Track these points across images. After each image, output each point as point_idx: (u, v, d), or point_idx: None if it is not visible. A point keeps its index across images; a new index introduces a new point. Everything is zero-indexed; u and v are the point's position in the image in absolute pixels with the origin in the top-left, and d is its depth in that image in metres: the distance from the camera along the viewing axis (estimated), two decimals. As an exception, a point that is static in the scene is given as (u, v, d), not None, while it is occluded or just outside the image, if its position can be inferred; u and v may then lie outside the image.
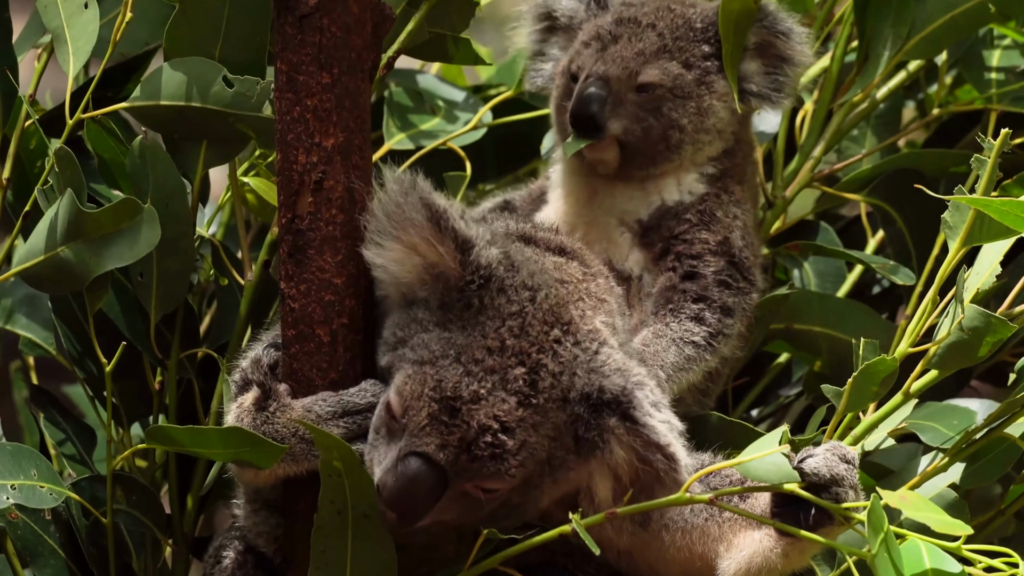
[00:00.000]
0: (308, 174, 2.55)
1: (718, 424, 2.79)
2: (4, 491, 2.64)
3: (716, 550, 2.56)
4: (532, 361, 2.45)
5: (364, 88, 2.59)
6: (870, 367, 2.45)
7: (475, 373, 2.43)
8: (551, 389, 2.45)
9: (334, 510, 2.48)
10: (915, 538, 2.30)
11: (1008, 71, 3.16)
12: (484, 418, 2.43)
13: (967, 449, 2.59)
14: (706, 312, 2.80)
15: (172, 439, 2.59)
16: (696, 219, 2.85)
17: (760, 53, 2.87)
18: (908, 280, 2.95)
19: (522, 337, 2.45)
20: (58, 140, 2.72)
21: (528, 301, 2.47)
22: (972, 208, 2.46)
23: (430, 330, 2.47)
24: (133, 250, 2.63)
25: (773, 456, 2.38)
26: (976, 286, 2.47)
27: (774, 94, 2.87)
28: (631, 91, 2.81)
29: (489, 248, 2.47)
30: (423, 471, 2.43)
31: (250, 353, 2.61)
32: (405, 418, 2.45)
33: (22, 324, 3.08)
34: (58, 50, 2.74)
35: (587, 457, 2.48)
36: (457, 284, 2.47)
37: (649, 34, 2.83)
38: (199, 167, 2.77)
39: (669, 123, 2.82)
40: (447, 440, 2.43)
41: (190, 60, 2.70)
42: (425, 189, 2.46)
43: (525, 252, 2.57)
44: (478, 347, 2.44)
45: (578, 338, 2.48)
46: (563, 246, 2.65)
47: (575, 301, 2.53)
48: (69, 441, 2.94)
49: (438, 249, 2.46)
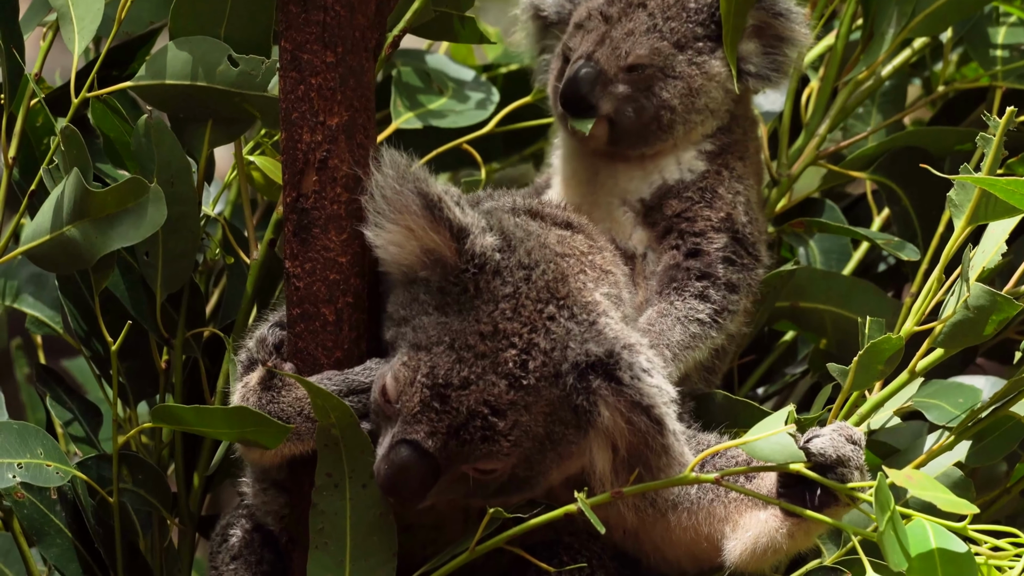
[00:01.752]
0: (312, 153, 2.53)
1: (723, 403, 2.76)
2: (11, 469, 2.63)
3: (722, 530, 2.54)
4: (524, 341, 2.43)
5: (368, 67, 2.57)
6: (876, 345, 2.43)
7: (466, 359, 2.42)
8: (543, 367, 2.43)
9: (331, 483, 2.48)
10: (921, 518, 2.28)
11: (1013, 48, 3.12)
12: (474, 403, 2.42)
13: (973, 427, 2.56)
14: (711, 289, 2.77)
15: (178, 418, 2.58)
16: (698, 196, 2.82)
17: (758, 34, 2.83)
18: (913, 256, 2.92)
19: (514, 318, 2.44)
20: (63, 119, 2.70)
21: (523, 281, 2.45)
22: (977, 187, 2.43)
23: (430, 313, 2.45)
24: (139, 230, 2.61)
25: (779, 436, 2.35)
26: (982, 265, 2.44)
27: (773, 74, 2.83)
28: (621, 71, 2.78)
29: (484, 235, 2.45)
30: (413, 459, 2.42)
31: (256, 332, 2.60)
32: (399, 403, 2.44)
33: (29, 303, 3.07)
34: (63, 29, 2.72)
35: (584, 427, 2.45)
36: (453, 270, 2.45)
37: (640, 14, 2.79)
38: (204, 146, 2.75)
39: (660, 103, 2.79)
40: (436, 427, 2.42)
41: (195, 39, 2.68)
42: (420, 176, 2.44)
43: (529, 226, 2.55)
44: (471, 332, 2.43)
45: (574, 311, 2.46)
46: (570, 220, 2.64)
47: (575, 274, 2.51)
48: (75, 420, 2.93)
49: (434, 237, 2.44)
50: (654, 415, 2.40)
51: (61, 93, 2.81)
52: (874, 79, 3.09)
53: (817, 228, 3.08)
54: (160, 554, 2.86)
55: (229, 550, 2.67)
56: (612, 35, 2.78)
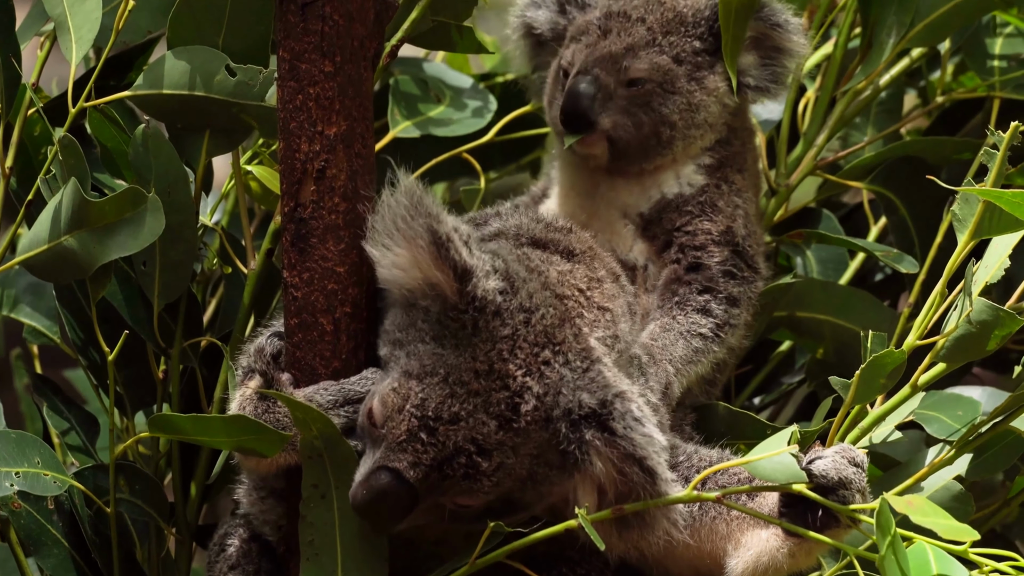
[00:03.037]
0: (311, 162, 2.51)
1: (725, 415, 2.75)
2: (8, 478, 2.60)
3: (724, 548, 2.52)
4: (517, 384, 2.41)
5: (367, 76, 2.55)
6: (878, 359, 2.41)
7: (459, 395, 2.40)
8: (534, 412, 2.41)
9: (317, 494, 2.46)
10: (922, 541, 2.26)
11: (1011, 59, 3.11)
12: (461, 440, 2.40)
13: (973, 442, 2.54)
14: (712, 303, 2.75)
15: (175, 427, 2.55)
16: (698, 210, 2.79)
17: (756, 45, 2.80)
18: (912, 268, 2.90)
19: (510, 360, 2.42)
20: (61, 129, 2.67)
21: (522, 324, 2.44)
22: (981, 201, 2.40)
23: (426, 342, 2.43)
24: (137, 240, 2.58)
25: (782, 456, 2.33)
26: (985, 279, 2.42)
27: (772, 86, 2.81)
28: (621, 86, 2.75)
29: (488, 279, 2.42)
30: (392, 486, 2.40)
31: (254, 341, 2.57)
32: (384, 428, 2.42)
33: (26, 313, 3.05)
34: (60, 38, 2.70)
35: (571, 471, 2.44)
36: (454, 308, 2.43)
37: (639, 28, 2.77)
38: (202, 156, 2.72)
39: (659, 118, 2.76)
40: (420, 459, 2.40)
41: (193, 49, 2.66)
42: (433, 211, 2.41)
43: (532, 260, 2.53)
44: (466, 369, 2.41)
45: (568, 357, 2.44)
46: (572, 249, 2.61)
47: (573, 318, 2.49)
48: (72, 430, 2.90)
49: (437, 274, 2.42)
50: (646, 466, 2.38)
51: (58, 102, 2.78)
52: (872, 89, 3.07)
53: (816, 239, 3.06)
54: (157, 564, 2.84)
55: (227, 560, 2.65)
56: (611, 50, 2.75)
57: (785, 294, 2.91)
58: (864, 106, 3.10)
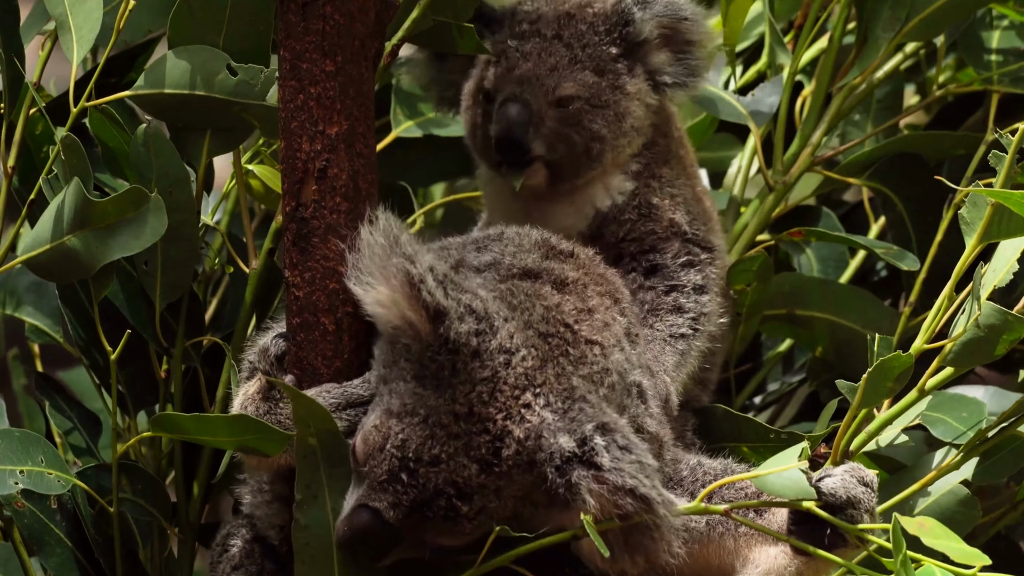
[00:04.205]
0: (312, 162, 2.50)
1: (725, 418, 2.74)
2: (12, 476, 2.59)
3: (732, 563, 2.50)
4: (498, 428, 2.38)
5: (368, 76, 2.53)
6: (885, 363, 2.38)
7: (439, 437, 2.37)
8: (516, 456, 2.38)
9: (311, 496, 2.43)
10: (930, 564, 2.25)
11: (1008, 52, 3.08)
12: (441, 483, 2.37)
13: (980, 447, 2.53)
14: (681, 299, 2.73)
15: (178, 427, 2.54)
16: (635, 215, 2.77)
17: (667, 42, 2.77)
18: (913, 266, 2.89)
19: (490, 403, 2.38)
20: (63, 128, 2.65)
21: (502, 366, 2.40)
22: (990, 204, 2.38)
23: (408, 381, 2.40)
24: (140, 239, 2.57)
25: (791, 472, 2.31)
26: (993, 283, 2.39)
27: (689, 79, 2.78)
28: (550, 108, 2.70)
29: (461, 322, 2.38)
30: (373, 526, 2.39)
31: (258, 342, 2.55)
32: (366, 467, 2.40)
33: (29, 312, 3.03)
34: (62, 37, 2.68)
35: (561, 510, 2.40)
36: (430, 348, 2.39)
37: (557, 46, 2.72)
38: (203, 156, 2.71)
39: (590, 135, 2.72)
40: (400, 500, 2.38)
41: (194, 48, 2.64)
42: (409, 250, 2.37)
43: (517, 296, 2.48)
44: (446, 411, 2.38)
45: (550, 399, 2.40)
46: (564, 279, 2.54)
47: (555, 358, 2.44)
48: (75, 429, 2.89)
49: (411, 315, 2.38)
50: (640, 494, 2.34)
51: (60, 102, 2.77)
52: (867, 84, 3.05)
53: (815, 237, 3.03)
54: (160, 563, 2.83)
55: (230, 560, 2.64)
56: (536, 72, 2.71)
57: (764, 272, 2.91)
58: (860, 102, 3.09)
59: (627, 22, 2.74)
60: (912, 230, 3.04)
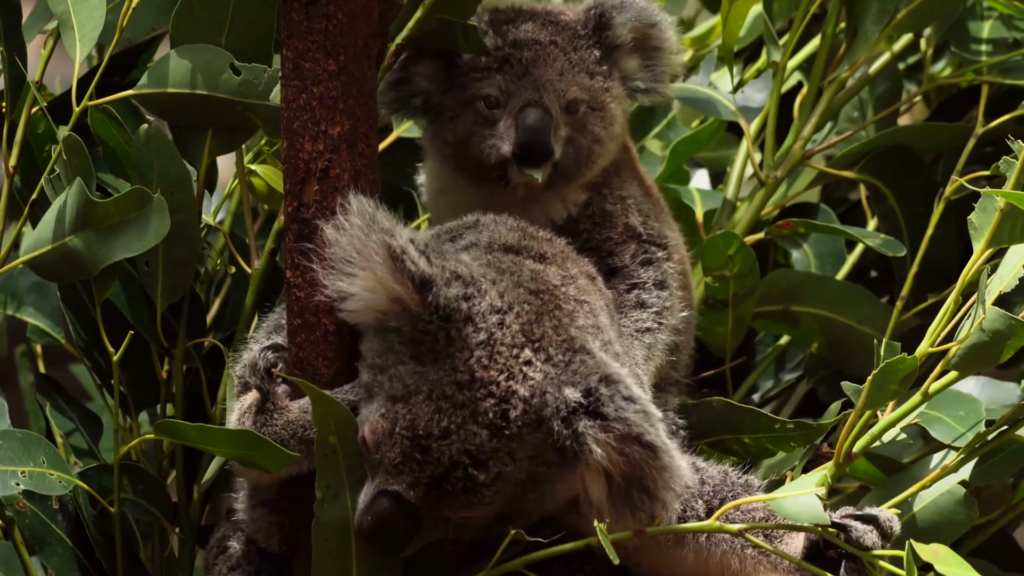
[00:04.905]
0: (314, 162, 2.49)
1: (724, 410, 2.73)
2: (14, 477, 2.58)
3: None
4: (502, 390, 2.37)
5: (370, 76, 2.52)
6: (890, 366, 2.37)
7: (445, 409, 2.37)
8: (524, 415, 2.38)
9: (331, 494, 2.42)
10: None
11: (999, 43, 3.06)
12: (455, 454, 2.36)
13: (979, 449, 2.51)
14: (643, 295, 2.72)
15: (181, 434, 2.53)
16: (590, 224, 2.77)
17: (636, 48, 2.77)
18: (899, 251, 2.88)
19: (491, 366, 2.38)
20: (64, 128, 2.64)
21: (496, 326, 2.39)
22: (998, 210, 2.36)
23: (405, 362, 2.39)
24: (142, 240, 2.56)
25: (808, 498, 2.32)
26: (999, 288, 2.37)
27: (658, 86, 2.79)
28: (562, 112, 2.71)
29: (448, 287, 2.38)
30: (394, 510, 2.38)
31: (244, 356, 2.54)
32: (379, 454, 2.39)
33: (30, 312, 3.01)
34: (64, 36, 2.66)
35: (573, 463, 2.40)
36: (421, 321, 2.39)
37: (555, 51, 2.72)
38: (205, 155, 2.69)
39: (593, 138, 2.73)
40: (417, 478, 2.37)
41: (197, 47, 2.62)
42: (386, 225, 2.37)
43: (502, 264, 2.49)
44: (448, 382, 2.37)
45: (550, 353, 2.41)
46: (544, 253, 2.56)
47: (550, 311, 2.45)
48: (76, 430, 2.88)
49: (397, 288, 2.38)
50: (645, 441, 2.34)
51: (62, 101, 2.75)
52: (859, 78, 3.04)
53: (803, 227, 3.02)
54: (160, 564, 2.82)
55: (227, 560, 2.63)
56: (547, 77, 2.71)
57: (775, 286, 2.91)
58: (852, 95, 3.07)
59: (607, 26, 2.75)
60: (903, 223, 3.04)
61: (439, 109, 2.76)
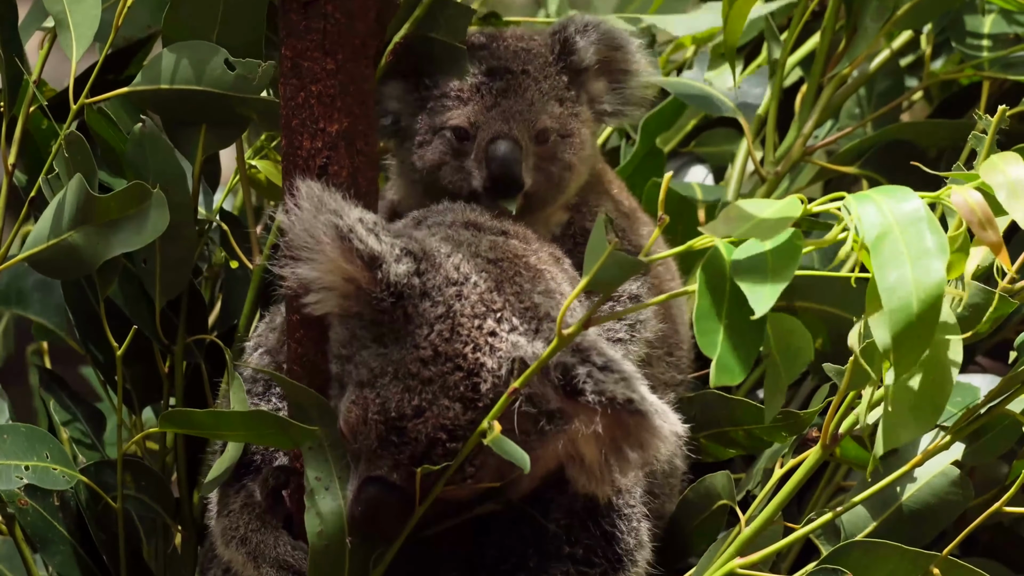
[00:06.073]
0: (313, 159, 2.49)
1: (717, 402, 2.73)
2: (17, 471, 2.58)
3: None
4: (469, 363, 2.34)
5: (368, 74, 2.52)
6: (872, 344, 2.34)
7: (413, 387, 2.33)
8: (495, 388, 2.34)
9: (321, 487, 2.42)
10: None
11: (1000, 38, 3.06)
12: (431, 431, 2.33)
13: (969, 426, 2.49)
14: (618, 307, 2.69)
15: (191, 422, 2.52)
16: (572, 244, 2.73)
17: (603, 71, 2.75)
18: None
19: (454, 339, 2.34)
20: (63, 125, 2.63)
21: (454, 297, 2.36)
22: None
23: (368, 346, 2.36)
24: (141, 236, 2.55)
25: None
26: (976, 262, 2.34)
27: (626, 108, 2.77)
28: (532, 142, 2.68)
29: (399, 263, 2.35)
30: (383, 494, 2.36)
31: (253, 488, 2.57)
32: (357, 443, 2.36)
33: (35, 310, 3.02)
34: (60, 35, 2.64)
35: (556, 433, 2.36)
36: (376, 300, 2.36)
37: (526, 81, 2.69)
38: (199, 152, 2.68)
39: (563, 165, 2.70)
40: (398, 460, 2.34)
41: (192, 44, 2.61)
42: (334, 205, 2.34)
43: (460, 237, 2.45)
44: (412, 360, 2.34)
45: (514, 323, 2.37)
46: (505, 228, 2.54)
47: (511, 278, 2.41)
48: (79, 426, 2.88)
49: (349, 268, 2.35)
50: (632, 409, 2.29)
51: (60, 99, 2.73)
52: (860, 75, 3.03)
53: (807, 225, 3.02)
54: (163, 561, 2.81)
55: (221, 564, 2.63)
56: (517, 107, 2.68)
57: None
58: (852, 92, 3.06)
59: (571, 50, 2.72)
60: None
61: (407, 132, 2.73)
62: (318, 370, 2.51)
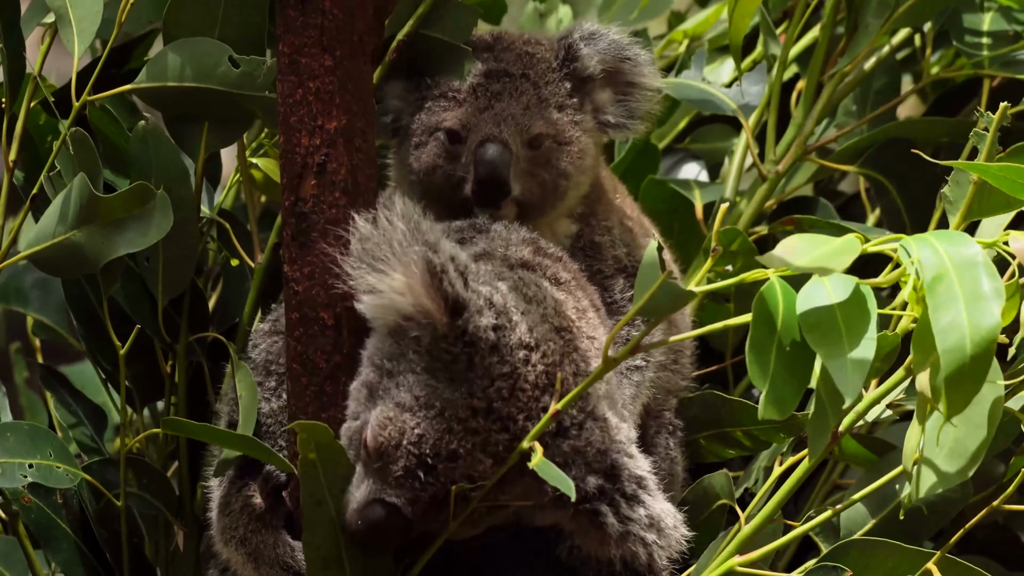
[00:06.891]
0: (311, 156, 2.47)
1: (716, 403, 2.71)
2: (21, 469, 2.58)
3: None
4: (517, 428, 2.31)
5: (366, 71, 2.50)
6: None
7: (456, 432, 2.30)
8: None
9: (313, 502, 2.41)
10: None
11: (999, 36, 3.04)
12: (457, 477, 2.30)
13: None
14: (633, 332, 2.61)
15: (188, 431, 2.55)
16: (582, 256, 2.71)
17: (609, 82, 2.71)
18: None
19: (511, 402, 2.32)
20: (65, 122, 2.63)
21: (523, 362, 2.33)
22: (972, 182, 2.34)
23: (418, 373, 2.32)
24: (145, 236, 2.54)
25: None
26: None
27: (630, 122, 2.73)
28: (523, 147, 2.64)
29: (481, 316, 2.31)
30: (389, 521, 2.33)
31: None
32: (379, 462, 2.33)
33: (35, 307, 3.01)
34: (62, 31, 2.63)
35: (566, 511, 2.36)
36: (445, 340, 2.32)
37: (525, 85, 2.66)
38: (202, 150, 2.67)
39: (558, 172, 2.66)
40: (418, 496, 2.31)
41: (195, 41, 2.60)
42: (431, 238, 2.30)
43: (530, 288, 2.42)
44: (463, 405, 2.30)
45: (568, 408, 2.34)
46: (559, 278, 2.50)
47: (570, 353, 2.38)
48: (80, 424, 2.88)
49: (429, 304, 2.31)
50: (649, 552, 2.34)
51: (61, 96, 2.72)
52: (859, 72, 3.00)
53: (808, 224, 2.97)
54: (165, 558, 2.81)
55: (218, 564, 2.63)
56: (511, 112, 2.65)
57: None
58: (852, 90, 3.04)
59: (575, 57, 2.69)
60: (907, 217, 3.02)
61: (406, 132, 2.71)
62: (315, 369, 2.51)
